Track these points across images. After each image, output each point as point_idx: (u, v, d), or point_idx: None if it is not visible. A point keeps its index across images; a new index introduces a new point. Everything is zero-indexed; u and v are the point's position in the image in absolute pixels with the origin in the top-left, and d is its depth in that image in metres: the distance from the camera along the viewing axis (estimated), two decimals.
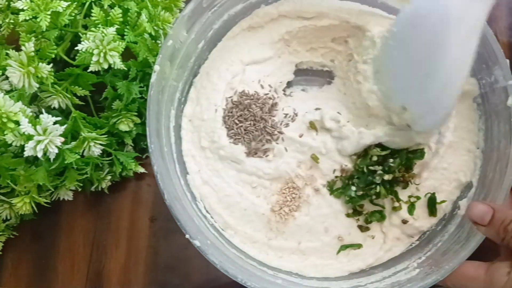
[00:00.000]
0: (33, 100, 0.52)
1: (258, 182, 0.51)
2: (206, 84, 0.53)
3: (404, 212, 0.50)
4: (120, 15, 0.50)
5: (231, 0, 0.51)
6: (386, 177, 0.49)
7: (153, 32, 0.51)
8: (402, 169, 0.50)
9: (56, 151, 0.45)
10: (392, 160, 0.49)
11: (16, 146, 0.45)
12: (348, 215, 0.51)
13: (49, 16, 0.47)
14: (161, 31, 0.52)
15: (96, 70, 0.47)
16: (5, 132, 0.43)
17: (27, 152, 0.43)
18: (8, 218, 0.54)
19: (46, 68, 0.46)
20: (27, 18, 0.47)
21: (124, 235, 0.57)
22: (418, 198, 0.51)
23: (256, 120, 0.52)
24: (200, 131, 0.52)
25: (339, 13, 0.54)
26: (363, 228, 0.51)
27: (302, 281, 0.48)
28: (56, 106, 0.50)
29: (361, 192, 0.50)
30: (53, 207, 0.55)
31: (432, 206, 0.51)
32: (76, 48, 0.47)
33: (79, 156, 0.49)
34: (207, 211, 0.51)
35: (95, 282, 0.56)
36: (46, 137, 0.44)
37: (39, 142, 0.44)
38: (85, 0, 0.51)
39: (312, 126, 0.53)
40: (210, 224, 0.50)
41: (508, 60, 0.46)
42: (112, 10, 0.50)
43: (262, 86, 0.54)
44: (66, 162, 0.48)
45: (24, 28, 0.51)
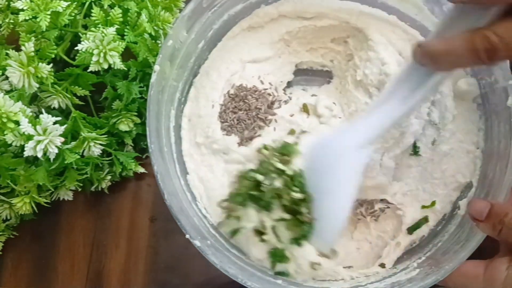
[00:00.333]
0: (33, 100, 0.52)
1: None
2: (206, 83, 0.53)
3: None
4: (120, 15, 0.50)
5: (231, 0, 0.51)
6: None
7: (153, 32, 0.51)
8: None
9: (56, 151, 0.45)
10: None
11: (16, 146, 0.45)
12: None
13: (49, 16, 0.47)
14: (161, 31, 0.52)
15: (96, 70, 0.47)
16: (5, 132, 0.43)
17: (27, 152, 0.43)
18: (8, 218, 0.54)
19: (46, 68, 0.46)
20: (27, 18, 0.47)
21: (124, 235, 0.57)
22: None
23: (250, 110, 0.52)
24: (196, 128, 0.52)
25: (338, 13, 0.54)
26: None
27: (302, 281, 0.48)
28: (56, 106, 0.50)
29: None
30: (53, 207, 0.55)
31: (412, 229, 0.51)
32: (76, 48, 0.47)
33: (79, 156, 0.49)
34: (207, 211, 0.51)
35: (95, 282, 0.56)
36: (46, 137, 0.44)
37: (39, 142, 0.44)
38: (85, 0, 0.51)
39: (305, 108, 0.53)
40: (210, 224, 0.49)
41: (508, 60, 0.46)
42: (112, 10, 0.50)
43: (262, 82, 0.54)
44: (66, 162, 0.48)
45: (24, 28, 0.51)
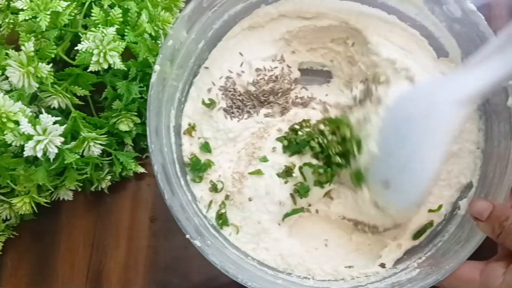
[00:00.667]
0: (33, 100, 0.52)
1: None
2: (207, 80, 0.53)
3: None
4: (120, 15, 0.50)
5: (231, 0, 0.51)
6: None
7: (153, 32, 0.51)
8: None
9: (56, 151, 0.45)
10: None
11: (16, 146, 0.45)
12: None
13: (48, 16, 0.47)
14: (161, 31, 0.52)
15: (96, 70, 0.47)
16: (5, 132, 0.43)
17: (27, 152, 0.43)
18: (8, 218, 0.55)
19: (46, 68, 0.46)
20: (27, 18, 0.47)
21: (124, 235, 0.57)
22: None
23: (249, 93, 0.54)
24: (201, 124, 0.52)
25: (338, 13, 0.54)
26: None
27: (303, 281, 0.48)
28: (56, 106, 0.50)
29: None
30: (53, 207, 0.55)
31: (418, 236, 0.50)
32: (76, 48, 0.47)
33: (79, 156, 0.49)
34: (207, 211, 0.51)
35: (95, 282, 0.56)
36: (46, 137, 0.44)
37: (39, 142, 0.44)
38: (85, 0, 0.51)
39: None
40: (210, 224, 0.50)
41: None
42: (112, 10, 0.50)
43: (264, 79, 0.54)
44: (66, 162, 0.48)
45: (23, 28, 0.51)
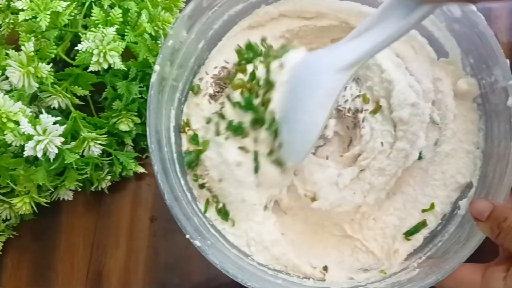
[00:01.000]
0: (33, 100, 0.52)
1: None
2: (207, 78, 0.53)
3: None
4: (120, 15, 0.50)
5: (231, 0, 0.51)
6: None
7: (153, 32, 0.51)
8: None
9: (56, 151, 0.45)
10: None
11: (16, 146, 0.45)
12: None
13: (49, 16, 0.47)
14: (161, 31, 0.52)
15: (96, 70, 0.47)
16: (5, 132, 0.43)
17: (27, 152, 0.43)
18: (8, 218, 0.55)
19: (46, 68, 0.46)
20: (27, 18, 0.47)
21: (124, 235, 0.57)
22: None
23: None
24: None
25: (338, 13, 0.54)
26: None
27: (303, 281, 0.48)
28: (56, 106, 0.50)
29: None
30: (53, 207, 0.55)
31: (409, 234, 0.51)
32: (76, 48, 0.47)
33: (79, 156, 0.49)
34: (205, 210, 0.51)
35: (95, 282, 0.56)
36: (46, 137, 0.44)
37: (39, 142, 0.44)
38: (85, 0, 0.51)
39: None
40: (210, 224, 0.50)
41: (508, 60, 0.46)
42: (112, 10, 0.50)
43: None
44: (66, 162, 0.48)
45: (24, 28, 0.51)
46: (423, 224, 0.50)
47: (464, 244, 0.45)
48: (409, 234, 0.50)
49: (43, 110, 0.46)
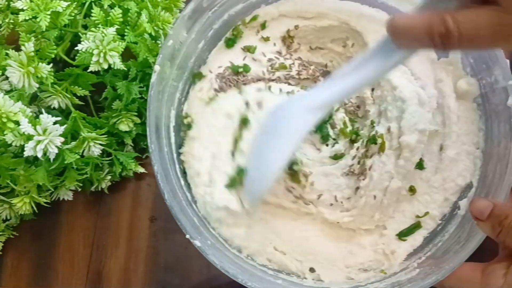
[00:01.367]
0: (33, 100, 0.52)
1: None
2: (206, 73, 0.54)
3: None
4: (120, 15, 0.50)
5: (231, 0, 0.51)
6: None
7: (153, 33, 0.51)
8: None
9: (56, 151, 0.45)
10: None
11: (16, 146, 0.45)
12: None
13: (49, 16, 0.47)
14: (161, 31, 0.52)
15: (96, 70, 0.47)
16: (5, 132, 0.43)
17: (27, 152, 0.43)
18: (8, 218, 0.55)
19: (46, 68, 0.46)
20: (27, 18, 0.47)
21: (124, 235, 0.57)
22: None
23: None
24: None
25: (338, 14, 0.54)
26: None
27: (303, 281, 0.48)
28: (56, 106, 0.50)
29: None
30: (53, 207, 0.55)
31: (403, 235, 0.50)
32: (76, 48, 0.47)
33: (79, 156, 0.49)
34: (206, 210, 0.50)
35: (95, 282, 0.56)
36: (46, 137, 0.44)
37: (39, 142, 0.44)
38: (85, 0, 0.51)
39: None
40: (210, 224, 0.49)
41: (508, 60, 0.46)
42: (112, 10, 0.50)
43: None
44: (66, 162, 0.48)
45: (24, 28, 0.51)
46: (416, 226, 0.50)
47: (464, 244, 0.45)
48: (402, 235, 0.50)
49: (43, 110, 0.46)
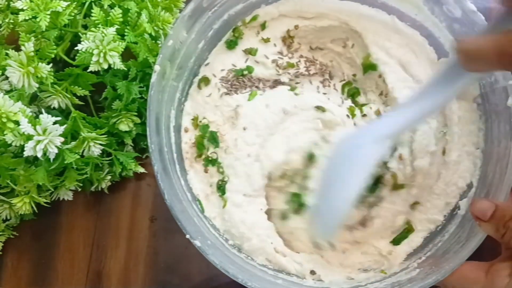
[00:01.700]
0: (33, 100, 0.52)
1: None
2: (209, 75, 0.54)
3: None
4: (120, 15, 0.50)
5: (231, 0, 0.51)
6: None
7: (153, 33, 0.51)
8: None
9: (56, 151, 0.45)
10: None
11: (16, 146, 0.45)
12: None
13: (48, 16, 0.47)
14: (161, 31, 0.52)
15: (96, 70, 0.47)
16: (5, 132, 0.43)
17: (27, 152, 0.43)
18: (8, 218, 0.55)
19: (45, 68, 0.46)
20: (27, 18, 0.47)
21: (124, 235, 0.57)
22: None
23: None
24: (206, 112, 0.53)
25: (339, 14, 0.54)
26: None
27: (303, 281, 0.48)
28: (56, 106, 0.50)
29: None
30: (53, 207, 0.55)
31: (397, 242, 0.50)
32: (76, 48, 0.47)
33: (79, 156, 0.49)
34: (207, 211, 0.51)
35: (95, 282, 0.56)
36: (46, 137, 0.44)
37: (39, 142, 0.44)
38: (85, 0, 0.51)
39: None
40: (211, 224, 0.50)
41: None
42: (112, 10, 0.50)
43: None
44: (66, 162, 0.48)
45: (24, 28, 0.51)
46: (408, 231, 0.50)
47: (464, 244, 0.45)
48: (395, 242, 0.50)
49: (43, 110, 0.46)
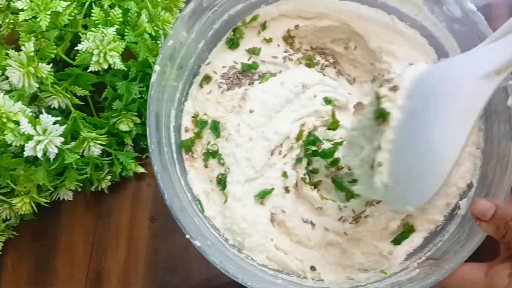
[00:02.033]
0: (33, 100, 0.52)
1: None
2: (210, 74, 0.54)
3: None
4: (120, 15, 0.50)
5: (231, 0, 0.51)
6: None
7: (153, 33, 0.51)
8: None
9: (56, 151, 0.45)
10: None
11: (16, 146, 0.45)
12: None
13: (49, 16, 0.47)
14: (161, 31, 0.52)
15: (96, 70, 0.47)
16: (5, 132, 0.43)
17: (27, 152, 0.43)
18: (8, 218, 0.55)
19: (46, 68, 0.46)
20: (27, 18, 0.47)
21: (124, 235, 0.57)
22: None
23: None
24: (207, 108, 0.53)
25: (339, 14, 0.54)
26: None
27: (303, 281, 0.48)
28: (56, 106, 0.50)
29: None
30: (53, 207, 0.55)
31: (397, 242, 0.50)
32: (76, 48, 0.47)
33: (79, 156, 0.49)
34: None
35: (95, 282, 0.56)
36: (46, 137, 0.44)
37: (39, 142, 0.44)
38: (85, 0, 0.51)
39: None
40: (211, 224, 0.50)
41: None
42: (112, 10, 0.50)
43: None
44: (66, 162, 0.48)
45: (24, 28, 0.51)
46: (409, 230, 0.50)
47: (464, 244, 0.45)
48: (396, 242, 0.50)
49: (43, 110, 0.46)
